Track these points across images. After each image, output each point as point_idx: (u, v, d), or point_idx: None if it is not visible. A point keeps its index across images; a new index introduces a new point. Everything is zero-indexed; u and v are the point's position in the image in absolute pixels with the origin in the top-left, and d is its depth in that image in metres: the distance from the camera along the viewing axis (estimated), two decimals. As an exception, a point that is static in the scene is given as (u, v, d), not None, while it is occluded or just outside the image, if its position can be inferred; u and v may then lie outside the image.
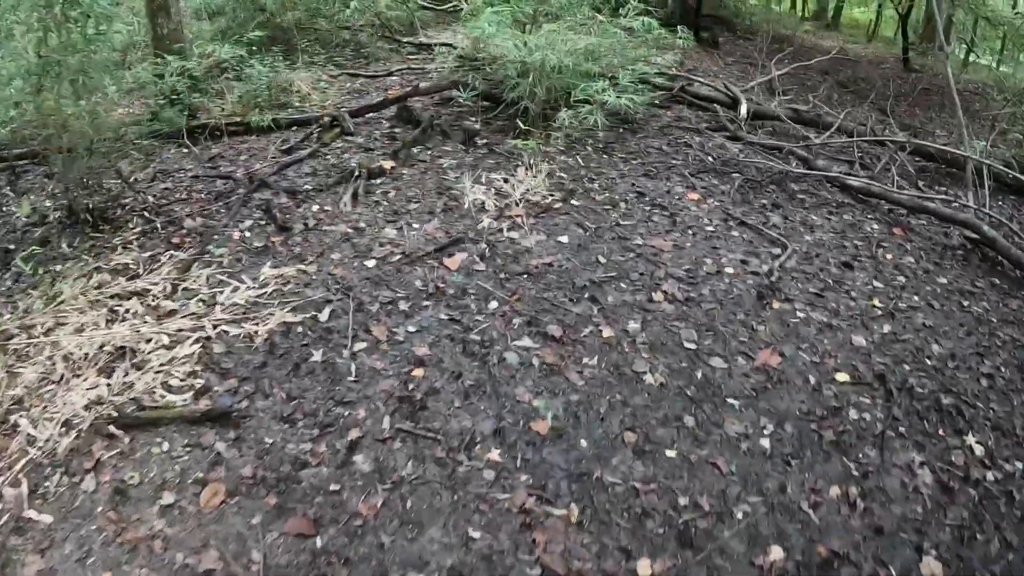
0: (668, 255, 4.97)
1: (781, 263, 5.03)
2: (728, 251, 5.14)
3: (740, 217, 5.65)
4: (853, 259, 5.41)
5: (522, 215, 5.22)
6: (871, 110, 10.41)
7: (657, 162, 6.51)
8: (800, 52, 13.38)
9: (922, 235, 6.13)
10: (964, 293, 5.38)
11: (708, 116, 8.20)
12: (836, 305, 4.77)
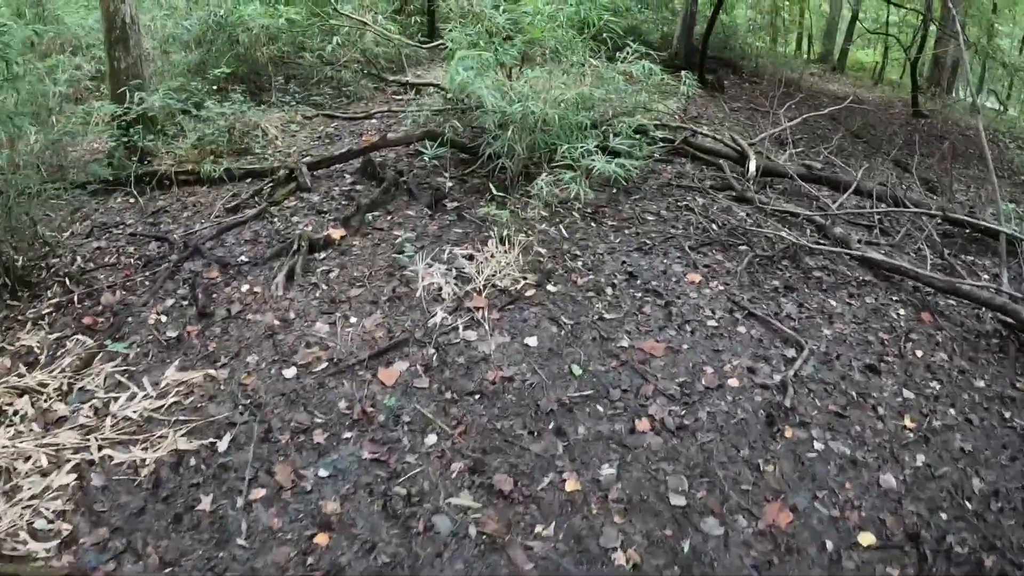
0: (660, 362, 4.14)
1: (796, 371, 4.21)
2: (733, 354, 4.32)
3: (748, 306, 4.82)
4: (879, 359, 4.59)
5: (484, 307, 4.40)
6: (887, 164, 9.66)
7: (654, 232, 5.71)
8: (808, 98, 12.72)
9: (952, 320, 5.32)
10: (1004, 401, 4.56)
11: (713, 172, 7.43)
12: (861, 429, 3.93)
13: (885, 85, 19.49)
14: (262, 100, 9.11)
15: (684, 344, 4.33)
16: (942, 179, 9.22)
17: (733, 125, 10.12)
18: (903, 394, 4.33)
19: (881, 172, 8.87)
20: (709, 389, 3.97)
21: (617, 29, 7.13)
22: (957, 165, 10.73)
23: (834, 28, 22.48)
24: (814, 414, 3.95)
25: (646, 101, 7.91)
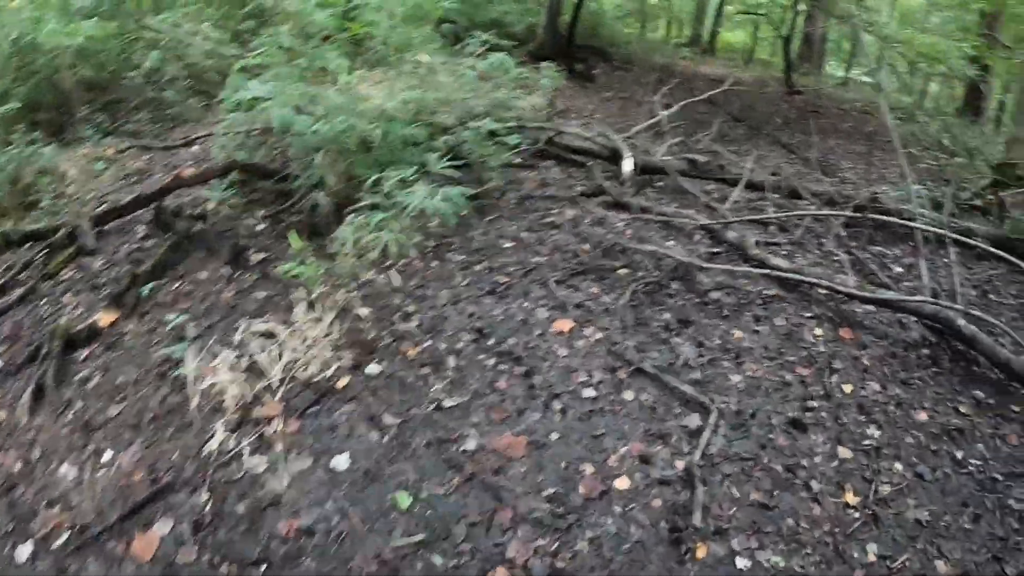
0: (520, 467, 3.03)
1: (704, 449, 3.19)
2: (619, 437, 3.25)
3: (635, 358, 3.77)
4: (803, 408, 3.62)
5: (279, 415, 3.20)
6: (772, 147, 8.90)
7: (512, 264, 4.62)
8: (683, 82, 11.98)
9: (875, 331, 4.45)
10: (953, 436, 3.68)
11: (584, 175, 6.42)
12: (795, 522, 2.93)
13: (757, 65, 19.15)
14: (65, 135, 7.62)
15: (553, 432, 3.22)
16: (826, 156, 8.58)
17: (605, 117, 9.20)
18: (838, 454, 3.37)
19: (767, 156, 8.07)
20: (590, 500, 2.88)
21: (461, 19, 6.03)
22: (840, 140, 10.14)
23: (703, 11, 22.12)
24: (732, 512, 2.92)
25: (504, 99, 6.89)
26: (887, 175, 8.59)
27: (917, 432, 3.65)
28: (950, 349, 4.47)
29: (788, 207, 6.19)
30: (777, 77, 15.12)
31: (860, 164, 8.95)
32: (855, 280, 4.68)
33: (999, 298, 5.46)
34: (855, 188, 7.42)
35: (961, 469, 3.47)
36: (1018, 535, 3.16)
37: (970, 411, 3.92)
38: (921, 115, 13.87)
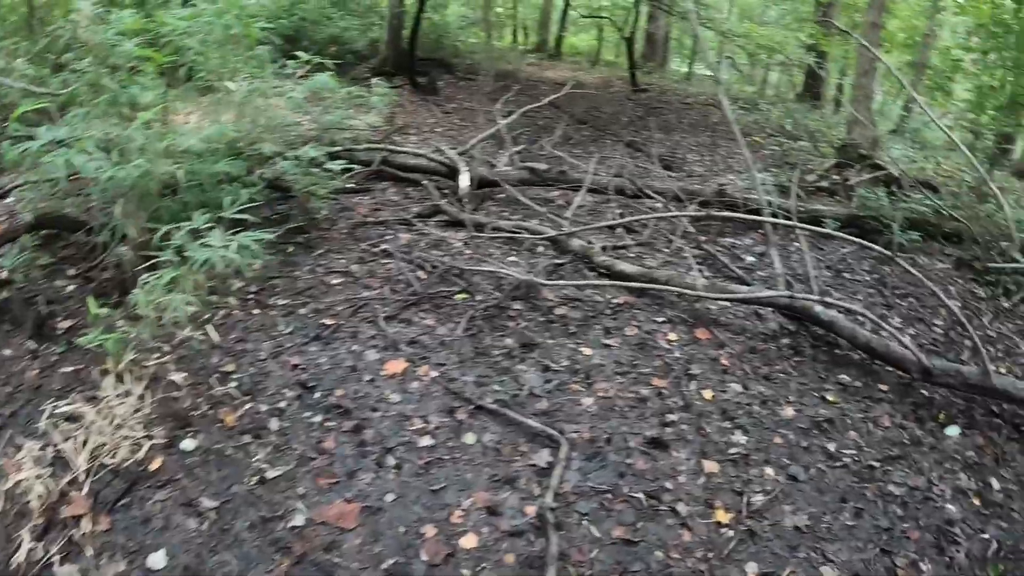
0: (355, 539, 2.64)
1: (556, 487, 2.90)
2: (462, 489, 2.92)
3: (474, 395, 3.46)
4: (662, 423, 3.41)
5: (87, 512, 2.71)
6: (617, 146, 8.83)
7: (340, 303, 4.21)
8: (527, 88, 11.84)
9: (731, 328, 4.33)
10: (822, 428, 3.58)
11: (420, 194, 6.09)
12: (664, 554, 2.69)
13: (603, 66, 19.36)
14: None
15: (388, 494, 2.85)
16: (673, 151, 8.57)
17: (447, 130, 8.92)
18: (704, 469, 3.16)
19: (613, 157, 7.97)
20: (434, 567, 2.53)
21: (277, 38, 5.61)
22: (686, 134, 10.22)
23: (548, 17, 22.25)
24: (594, 555, 2.65)
25: (336, 121, 6.50)
26: (733, 165, 8.67)
27: (785, 430, 3.51)
28: (810, 335, 4.40)
29: (634, 208, 6.07)
30: (622, 77, 15.25)
31: (706, 156, 9.02)
32: (705, 280, 4.52)
33: (854, 276, 5.49)
34: (702, 181, 7.41)
35: (836, 463, 3.35)
36: (904, 522, 3.06)
37: (838, 398, 3.83)
38: (763, 103, 14.32)
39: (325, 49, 11.57)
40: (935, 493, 3.29)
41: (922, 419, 3.81)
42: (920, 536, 3.02)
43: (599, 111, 11.20)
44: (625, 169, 6.57)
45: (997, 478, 3.49)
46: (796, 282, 4.93)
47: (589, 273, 4.72)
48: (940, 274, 5.96)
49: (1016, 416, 3.95)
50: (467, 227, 5.19)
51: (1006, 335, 5.11)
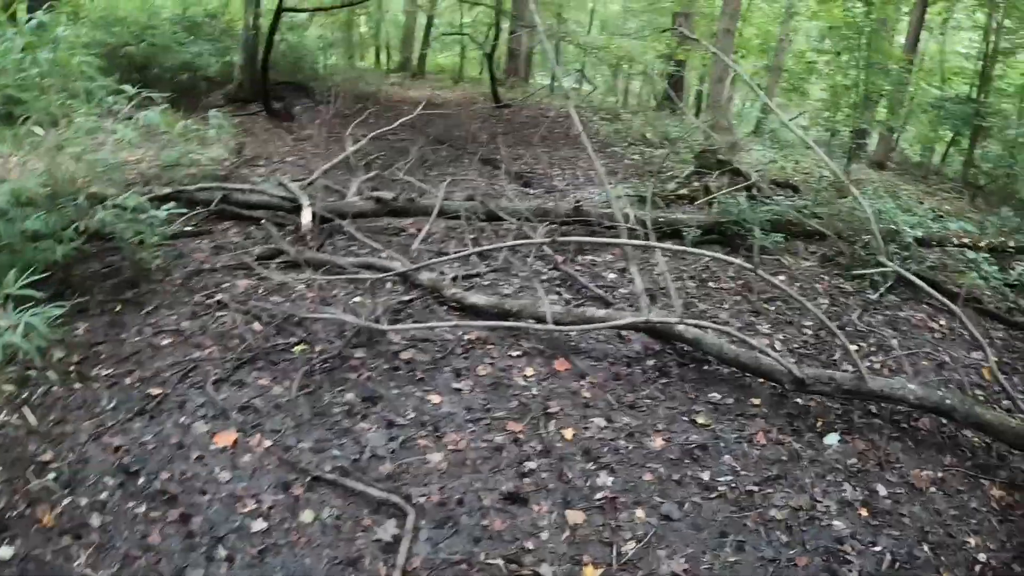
0: None
1: (404, 564, 2.48)
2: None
3: (312, 465, 3.02)
4: (519, 473, 3.07)
5: None
6: (474, 165, 8.53)
7: (168, 367, 3.69)
8: (386, 109, 11.48)
9: (593, 354, 4.05)
10: (695, 456, 3.33)
11: (263, 234, 5.59)
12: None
13: (466, 83, 19.20)
14: None
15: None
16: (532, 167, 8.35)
17: (299, 159, 8.45)
18: (568, 521, 2.83)
19: (469, 177, 7.64)
20: None
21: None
22: (547, 149, 10.04)
23: (411, 36, 21.95)
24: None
25: (176, 158, 5.98)
26: (593, 177, 8.52)
27: (655, 464, 3.23)
28: (677, 352, 4.16)
29: (488, 232, 5.75)
30: (485, 93, 15.09)
31: (567, 170, 8.85)
32: (559, 308, 4.20)
33: (719, 284, 5.33)
34: (561, 196, 7.19)
35: (712, 493, 3.09)
36: (790, 548, 2.83)
37: (709, 419, 3.59)
38: (625, 113, 14.40)
39: (177, 76, 10.95)
40: (820, 510, 3.09)
41: (799, 431, 3.61)
42: (809, 561, 2.79)
43: (459, 129, 10.91)
44: (479, 191, 6.23)
45: (883, 483, 3.33)
46: (660, 296, 4.71)
47: (439, 308, 4.35)
48: (806, 273, 5.91)
49: (895, 413, 3.83)
50: (309, 268, 4.75)
51: (876, 328, 5.05)
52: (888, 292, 5.58)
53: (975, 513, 3.30)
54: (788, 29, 16.80)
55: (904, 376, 4.35)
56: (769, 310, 5.05)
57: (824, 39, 13.34)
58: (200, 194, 5.73)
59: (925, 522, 3.16)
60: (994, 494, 3.47)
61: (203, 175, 6.45)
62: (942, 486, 3.41)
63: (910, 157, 16.96)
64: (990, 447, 3.75)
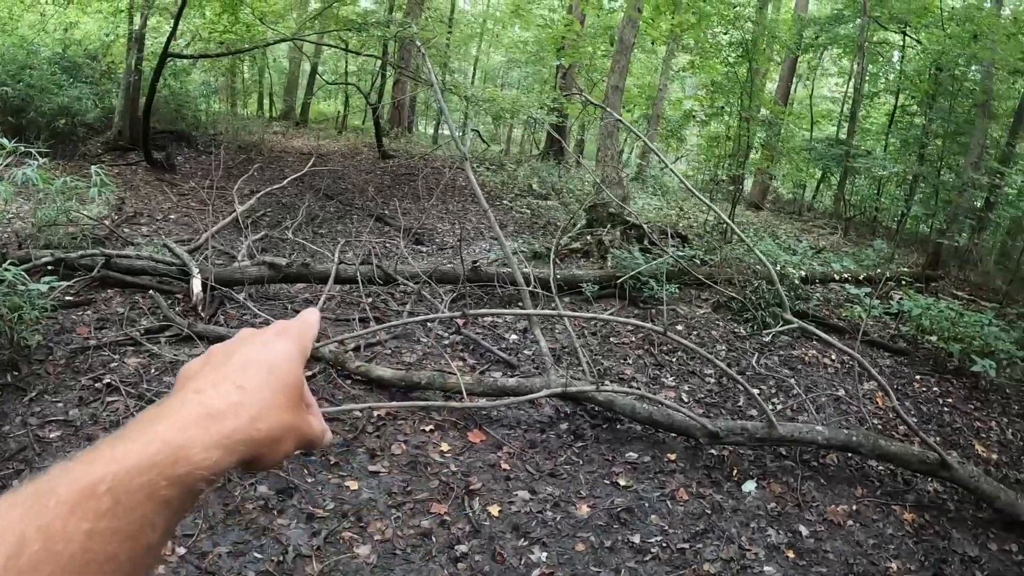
0: None
1: None
2: None
3: (234, 573, 2.78)
4: (452, 558, 2.94)
5: None
6: (367, 222, 8.37)
7: (58, 466, 3.37)
8: (272, 161, 11.21)
9: (506, 422, 3.98)
10: (623, 520, 3.31)
11: (150, 304, 5.25)
12: None
13: (350, 132, 19.02)
14: None
15: None
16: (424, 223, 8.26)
17: (183, 216, 8.08)
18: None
19: (361, 235, 7.46)
20: None
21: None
22: (436, 202, 9.98)
23: (295, 84, 21.62)
24: None
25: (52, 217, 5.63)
26: (484, 231, 8.51)
27: (585, 532, 3.18)
28: (588, 413, 4.15)
29: (384, 296, 5.62)
30: (369, 143, 14.97)
31: (457, 225, 8.81)
32: (469, 379, 4.10)
33: (620, 340, 5.36)
34: (454, 254, 7.14)
35: (645, 556, 3.06)
36: None
37: (630, 480, 3.57)
38: (509, 163, 14.55)
39: (54, 121, 10.31)
40: (750, 558, 3.12)
41: (717, 481, 3.66)
42: None
43: (346, 183, 10.75)
44: (372, 253, 6.07)
45: (803, 524, 3.42)
46: (564, 355, 4.69)
47: (344, 382, 4.16)
48: (702, 320, 6.03)
49: (804, 453, 3.93)
50: (202, 343, 4.49)
51: (774, 370, 5.19)
52: (780, 333, 5.77)
53: (892, 539, 3.42)
54: (666, 79, 17.46)
55: (806, 415, 4.49)
56: (671, 362, 5.11)
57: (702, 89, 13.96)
58: (81, 260, 5.37)
59: (848, 555, 3.26)
60: (906, 518, 3.62)
61: (83, 235, 6.09)
62: (858, 518, 3.53)
63: (783, 195, 17.88)
64: (895, 474, 3.92)
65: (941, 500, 3.92)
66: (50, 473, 0.42)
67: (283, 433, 0.49)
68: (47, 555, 0.37)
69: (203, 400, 0.47)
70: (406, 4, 16.23)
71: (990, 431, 5.11)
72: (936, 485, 4.00)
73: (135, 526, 0.41)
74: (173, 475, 0.42)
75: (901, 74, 14.79)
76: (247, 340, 0.55)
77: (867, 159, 13.23)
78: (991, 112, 11.59)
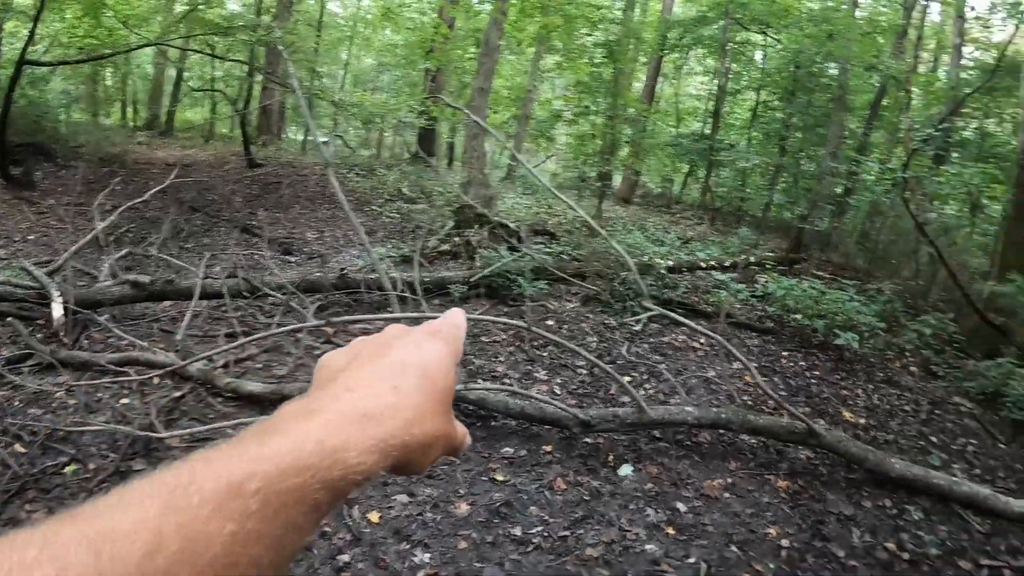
0: None
1: None
2: None
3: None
4: (335, 567, 2.96)
5: None
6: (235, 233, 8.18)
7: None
8: (135, 173, 10.77)
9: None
10: (501, 514, 3.42)
11: (9, 333, 4.99)
12: None
13: (217, 141, 18.44)
14: None
15: None
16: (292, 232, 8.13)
17: (43, 236, 7.71)
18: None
19: (228, 248, 7.29)
20: None
21: None
22: (305, 210, 9.85)
23: (160, 91, 20.73)
24: None
25: None
26: (353, 238, 8.47)
27: (466, 530, 3.26)
28: (463, 412, 4.21)
29: (252, 310, 5.53)
30: (237, 152, 14.54)
31: (326, 232, 8.75)
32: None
33: (492, 338, 5.45)
34: (323, 262, 7.09)
35: (528, 547, 3.15)
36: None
37: (507, 475, 3.66)
38: (380, 167, 14.47)
39: None
40: (631, 539, 3.25)
41: (594, 469, 3.79)
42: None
43: (213, 194, 10.44)
44: (239, 266, 5.94)
45: (681, 501, 3.58)
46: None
47: (215, 400, 4.09)
48: (572, 314, 6.19)
49: (677, 433, 4.12)
50: (67, 370, 4.30)
51: (644, 356, 5.38)
52: (649, 321, 5.99)
53: (768, 506, 3.64)
54: (535, 79, 17.70)
55: (678, 398, 4.70)
56: (543, 356, 5.24)
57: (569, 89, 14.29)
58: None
59: (727, 525, 3.44)
60: (781, 486, 3.85)
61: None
62: (734, 490, 3.73)
63: (652, 190, 18.48)
64: (767, 446, 4.16)
65: (813, 466, 4.20)
66: (188, 464, 0.38)
67: (434, 440, 0.48)
68: (186, 557, 0.34)
69: (357, 400, 0.45)
70: (275, 7, 15.88)
71: (857, 398, 5.50)
72: (808, 453, 4.30)
73: (281, 530, 0.38)
74: (327, 479, 0.40)
75: (763, 72, 15.61)
76: (398, 338, 0.53)
77: (731, 152, 13.93)
78: (847, 105, 12.41)
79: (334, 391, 0.47)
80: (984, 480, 4.56)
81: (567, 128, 14.38)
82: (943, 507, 4.00)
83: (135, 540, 0.34)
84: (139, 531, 0.34)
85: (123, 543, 0.34)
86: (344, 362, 0.51)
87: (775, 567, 3.25)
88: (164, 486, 0.37)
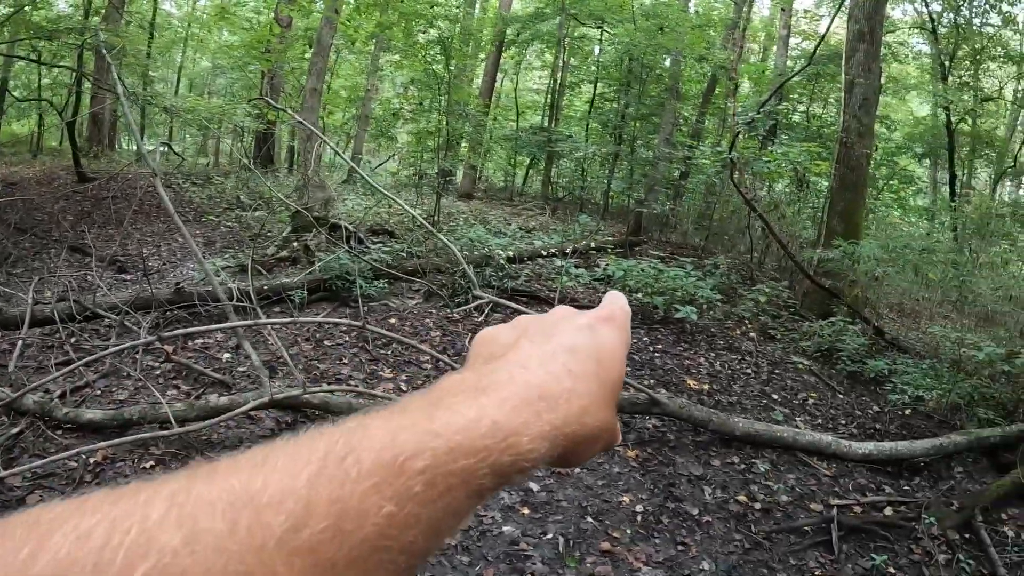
0: None
1: None
2: None
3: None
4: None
5: None
6: (68, 254, 7.78)
7: None
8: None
9: (227, 444, 4.01)
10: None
11: None
12: None
13: (46, 155, 17.25)
14: None
15: None
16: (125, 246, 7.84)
17: None
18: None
19: (59, 270, 6.94)
20: None
21: None
22: (140, 224, 9.48)
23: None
24: None
25: None
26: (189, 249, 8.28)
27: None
28: (309, 419, 4.24)
29: (88, 333, 5.33)
30: (67, 166, 13.71)
31: (163, 246, 8.49)
32: (183, 402, 4.09)
33: (334, 341, 5.47)
34: (160, 278, 6.91)
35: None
36: (473, 566, 3.07)
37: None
38: (217, 175, 14.02)
39: None
40: (488, 523, 3.38)
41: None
42: (496, 570, 3.07)
43: (42, 212, 9.87)
44: (71, 288, 5.69)
45: (533, 480, 3.70)
46: (281, 365, 4.76)
47: (55, 432, 3.93)
48: (414, 311, 6.29)
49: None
50: None
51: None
52: (492, 311, 6.18)
53: (620, 476, 3.88)
54: (375, 80, 17.59)
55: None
56: (387, 355, 5.32)
57: (407, 88, 14.34)
58: None
59: (580, 499, 3.64)
60: (630, 455, 4.11)
61: None
62: (584, 465, 3.94)
63: (495, 184, 18.80)
64: (614, 418, 4.39)
65: (661, 433, 4.48)
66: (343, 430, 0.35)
67: (601, 432, 0.43)
68: (334, 536, 0.31)
69: (530, 379, 0.41)
70: (105, 9, 15.05)
71: (700, 366, 5.85)
72: (654, 421, 4.57)
73: (440, 514, 0.34)
74: (497, 463, 0.36)
75: (599, 65, 16.15)
76: (568, 319, 0.49)
77: (568, 143, 14.39)
78: (679, 94, 13.09)
79: (508, 369, 0.42)
80: (827, 428, 5.01)
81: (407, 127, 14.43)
82: (790, 457, 4.39)
83: (279, 511, 0.30)
84: (285, 501, 0.31)
85: (265, 513, 0.30)
86: (512, 338, 0.47)
87: (632, 531, 3.48)
88: (315, 452, 0.33)
